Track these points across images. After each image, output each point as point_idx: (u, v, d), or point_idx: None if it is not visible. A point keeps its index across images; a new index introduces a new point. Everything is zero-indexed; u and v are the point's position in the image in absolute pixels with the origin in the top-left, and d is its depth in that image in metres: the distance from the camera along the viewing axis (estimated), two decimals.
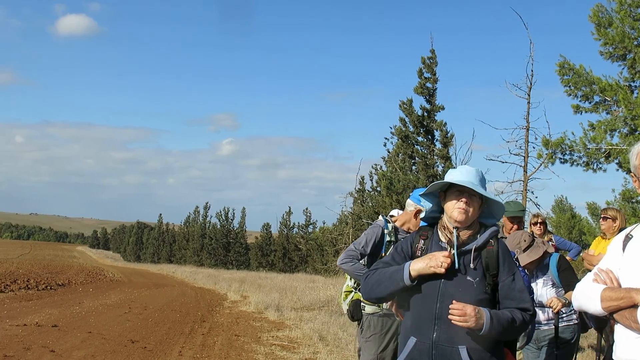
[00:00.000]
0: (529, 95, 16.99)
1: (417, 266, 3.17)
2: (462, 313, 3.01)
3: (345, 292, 5.82)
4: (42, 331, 11.80)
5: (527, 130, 16.93)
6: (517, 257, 4.98)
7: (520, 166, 17.06)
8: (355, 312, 5.63)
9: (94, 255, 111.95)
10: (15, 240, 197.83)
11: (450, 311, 3.06)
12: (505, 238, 6.56)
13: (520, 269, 4.71)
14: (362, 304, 5.50)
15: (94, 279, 37.12)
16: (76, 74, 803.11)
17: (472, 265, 3.18)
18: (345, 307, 5.79)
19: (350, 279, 5.72)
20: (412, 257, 3.34)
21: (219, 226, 69.85)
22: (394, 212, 5.93)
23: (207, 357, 9.96)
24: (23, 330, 11.73)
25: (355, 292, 5.68)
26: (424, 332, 3.16)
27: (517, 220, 6.55)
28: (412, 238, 3.46)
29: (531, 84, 17.04)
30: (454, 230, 3.27)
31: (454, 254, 3.18)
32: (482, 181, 3.31)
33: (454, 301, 3.08)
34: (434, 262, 3.11)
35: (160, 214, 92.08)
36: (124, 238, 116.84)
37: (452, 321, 3.05)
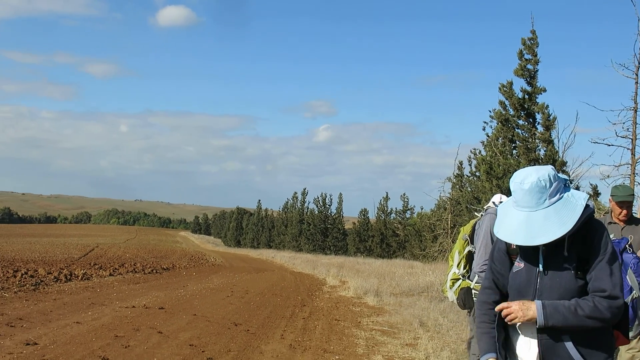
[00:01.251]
0: (637, 75, 16.31)
1: None
2: (509, 310, 3.00)
3: (451, 279, 5.73)
4: (150, 313, 12.25)
5: (635, 111, 16.27)
6: (630, 243, 4.72)
7: (628, 149, 16.42)
8: (467, 300, 5.54)
9: (196, 240, 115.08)
10: (122, 226, 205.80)
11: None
12: (614, 224, 6.34)
13: (632, 253, 4.50)
14: (473, 291, 5.43)
15: (197, 264, 38.19)
16: (176, 63, 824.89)
17: (565, 253, 3.03)
18: (451, 294, 5.71)
19: (458, 265, 5.65)
20: (507, 250, 3.26)
21: (316, 212, 70.35)
22: (497, 197, 5.82)
23: (309, 341, 10.08)
24: (132, 312, 12.21)
25: (462, 280, 5.60)
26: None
27: (627, 205, 6.30)
28: None
29: (639, 62, 16.36)
30: None
31: (540, 255, 3.09)
32: (544, 191, 3.00)
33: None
34: None
35: (259, 200, 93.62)
36: (224, 223, 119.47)
37: (506, 320, 3.05)
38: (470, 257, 5.58)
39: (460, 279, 5.63)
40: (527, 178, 3.03)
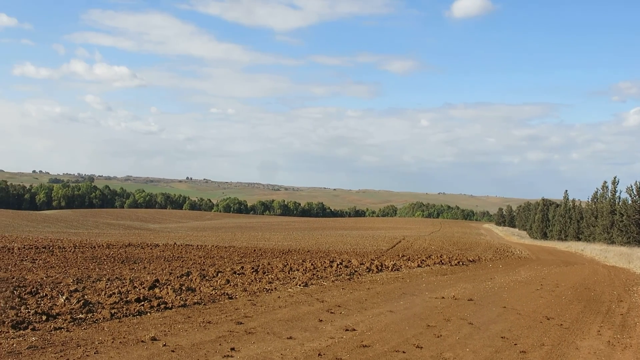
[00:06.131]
0: None
1: None
2: None
3: None
4: (459, 304, 12.42)
5: None
6: None
7: None
8: None
9: (500, 233, 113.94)
10: (426, 219, 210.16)
11: None
12: None
13: None
14: None
15: (502, 256, 37.84)
16: (473, 55, 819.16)
17: None
18: None
19: None
20: None
21: (630, 202, 65.83)
22: None
23: (629, 339, 9.51)
24: (441, 303, 12.48)
25: None
26: None
27: None
28: None
29: None
30: None
31: None
32: None
33: None
34: None
35: (566, 191, 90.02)
36: (529, 215, 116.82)
37: None
38: None
39: None
40: None
